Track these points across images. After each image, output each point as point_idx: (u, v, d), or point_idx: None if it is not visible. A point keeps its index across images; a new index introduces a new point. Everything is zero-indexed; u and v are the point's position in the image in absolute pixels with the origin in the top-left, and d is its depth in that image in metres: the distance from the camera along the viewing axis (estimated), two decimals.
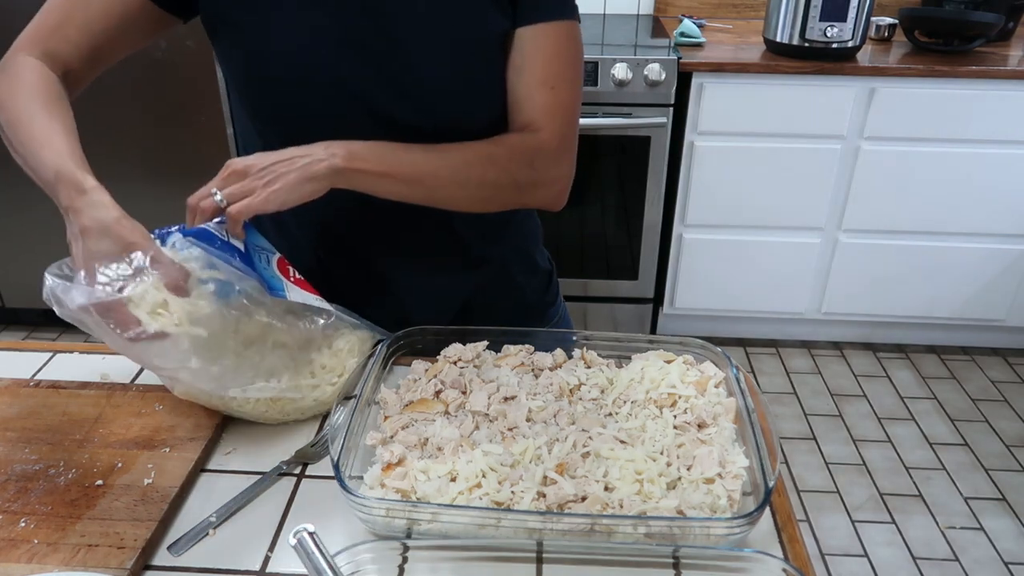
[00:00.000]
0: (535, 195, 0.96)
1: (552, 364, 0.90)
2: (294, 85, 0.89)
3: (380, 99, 0.89)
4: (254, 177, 0.79)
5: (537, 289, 1.15)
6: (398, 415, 0.82)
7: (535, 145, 0.93)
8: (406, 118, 0.90)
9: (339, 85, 0.89)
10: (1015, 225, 2.49)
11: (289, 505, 0.77)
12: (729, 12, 2.90)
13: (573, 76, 0.95)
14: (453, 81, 0.91)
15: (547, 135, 0.93)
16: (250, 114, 0.95)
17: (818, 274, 2.62)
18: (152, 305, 0.73)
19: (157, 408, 0.88)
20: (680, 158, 2.46)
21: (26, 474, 0.78)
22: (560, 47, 0.92)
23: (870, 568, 1.94)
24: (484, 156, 0.91)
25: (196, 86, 2.36)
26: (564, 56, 0.93)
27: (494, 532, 0.69)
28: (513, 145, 0.93)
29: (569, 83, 0.94)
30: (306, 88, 0.89)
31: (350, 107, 0.90)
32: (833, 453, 2.32)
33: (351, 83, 0.89)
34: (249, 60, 0.89)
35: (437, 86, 0.90)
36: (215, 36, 0.91)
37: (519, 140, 0.93)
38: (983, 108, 2.32)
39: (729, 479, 0.73)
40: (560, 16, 0.92)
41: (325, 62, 0.88)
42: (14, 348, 1.01)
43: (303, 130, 0.86)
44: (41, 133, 0.81)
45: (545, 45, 0.91)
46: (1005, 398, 2.55)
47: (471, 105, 0.93)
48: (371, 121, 0.89)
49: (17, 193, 2.53)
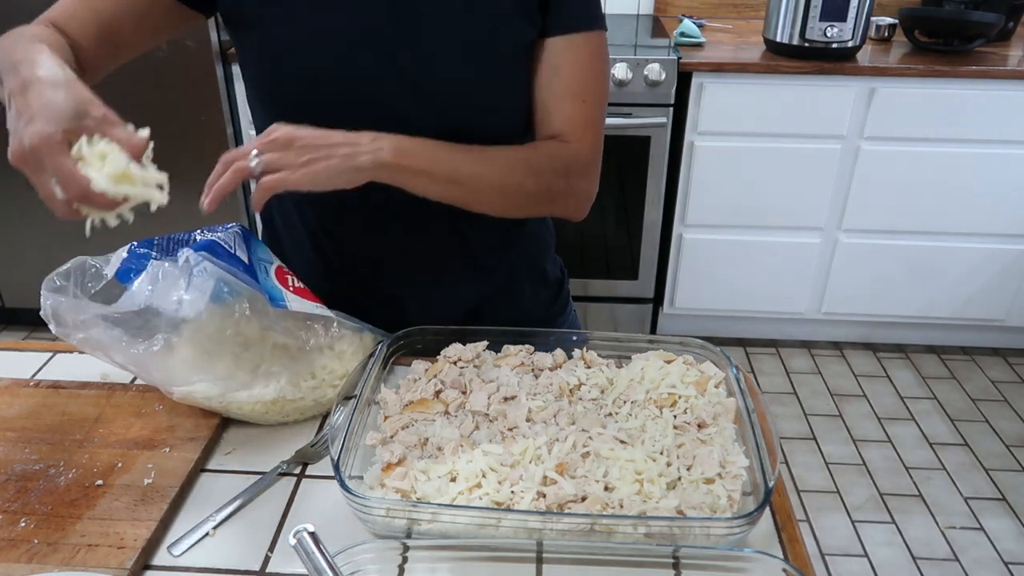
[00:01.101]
0: (564, 205, 0.97)
1: (552, 364, 0.90)
2: (308, 84, 0.88)
3: (398, 102, 0.89)
4: (296, 151, 0.76)
5: (545, 300, 1.13)
6: (398, 415, 0.82)
7: (570, 156, 0.93)
8: (423, 122, 0.88)
9: (354, 85, 0.88)
10: (1015, 225, 2.49)
11: (289, 505, 0.77)
12: (729, 12, 2.90)
13: (602, 90, 0.96)
14: (476, 88, 0.90)
15: (581, 147, 0.94)
16: (267, 111, 0.94)
17: (818, 274, 2.62)
18: (115, 167, 0.68)
19: (157, 408, 0.88)
20: (680, 158, 2.46)
21: (26, 474, 0.78)
22: (591, 59, 0.93)
23: (870, 568, 1.94)
24: (525, 163, 0.91)
25: (196, 86, 2.35)
26: (594, 68, 0.94)
27: (494, 532, 0.68)
28: (551, 154, 0.93)
29: (598, 97, 0.95)
30: (321, 87, 0.88)
31: (366, 108, 0.89)
32: (833, 453, 2.32)
33: (366, 84, 0.88)
34: (264, 57, 0.89)
35: (459, 92, 0.90)
36: (235, 32, 0.92)
37: (556, 149, 0.93)
38: (983, 108, 2.32)
39: (729, 479, 0.73)
40: (591, 27, 0.92)
41: (342, 63, 0.88)
42: (14, 348, 1.01)
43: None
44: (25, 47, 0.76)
45: (576, 57, 0.91)
46: (1005, 398, 2.55)
47: (490, 112, 0.92)
48: (386, 123, 0.87)
49: (17, 194, 2.52)
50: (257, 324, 0.82)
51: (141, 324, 0.76)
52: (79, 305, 0.74)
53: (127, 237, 0.84)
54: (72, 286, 0.77)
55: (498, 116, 0.93)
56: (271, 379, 0.83)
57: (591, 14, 0.92)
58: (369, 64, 0.88)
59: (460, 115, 0.91)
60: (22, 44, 0.77)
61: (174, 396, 0.82)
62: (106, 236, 0.77)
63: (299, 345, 0.86)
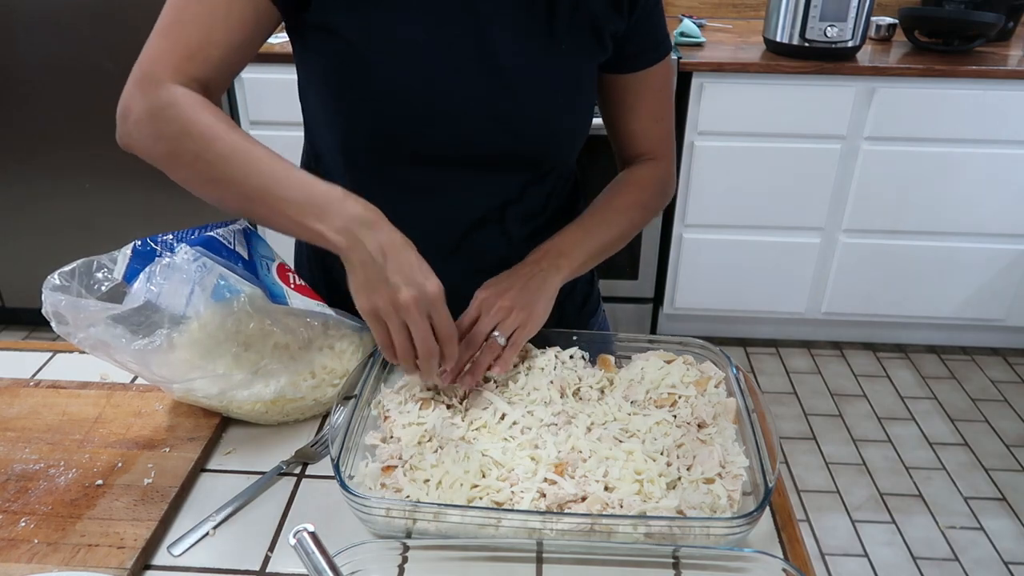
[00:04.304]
0: (661, 210, 1.06)
1: (552, 364, 0.89)
2: (393, 99, 0.85)
3: (476, 125, 0.87)
4: (518, 309, 0.86)
5: (580, 296, 1.11)
6: (398, 415, 0.82)
7: (663, 176, 1.03)
8: (497, 147, 0.90)
9: (431, 104, 0.85)
10: (1015, 225, 2.49)
11: (289, 505, 0.77)
12: (729, 12, 2.90)
13: (672, 104, 1.04)
14: (555, 117, 0.91)
15: (667, 163, 1.03)
16: (332, 122, 0.90)
17: (818, 274, 2.62)
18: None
19: (157, 408, 0.88)
20: (680, 158, 2.46)
21: (26, 474, 0.78)
22: (666, 83, 1.00)
23: (870, 568, 1.94)
24: (640, 206, 1.01)
25: None
26: (667, 90, 1.01)
27: (494, 532, 0.68)
28: (651, 183, 1.02)
29: (671, 112, 1.03)
30: (403, 104, 0.85)
31: (443, 128, 0.87)
32: (833, 453, 2.32)
33: (445, 104, 0.86)
34: (349, 67, 0.84)
35: (539, 120, 0.90)
36: (312, 39, 0.85)
37: (650, 175, 1.02)
38: (983, 108, 2.32)
39: (729, 479, 0.73)
40: (667, 52, 0.97)
41: (425, 82, 0.85)
42: (14, 348, 1.01)
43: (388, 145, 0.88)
44: (275, 161, 0.76)
45: (653, 84, 0.97)
46: (1005, 398, 2.55)
47: (566, 139, 0.95)
48: (460, 143, 0.88)
49: (17, 194, 2.53)
50: (257, 323, 0.82)
51: (142, 321, 0.76)
52: (80, 303, 0.74)
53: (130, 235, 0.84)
54: (76, 285, 0.77)
55: (573, 142, 0.96)
56: (271, 378, 0.83)
57: (665, 41, 0.96)
58: (449, 87, 0.85)
59: (536, 142, 0.92)
60: (257, 149, 0.76)
61: (174, 394, 0.82)
62: (107, 237, 0.77)
63: (299, 344, 0.86)
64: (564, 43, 0.88)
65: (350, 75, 0.85)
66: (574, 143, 0.97)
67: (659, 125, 1.01)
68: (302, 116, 0.96)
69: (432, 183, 0.92)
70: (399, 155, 0.89)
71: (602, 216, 0.98)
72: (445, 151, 0.89)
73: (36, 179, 2.52)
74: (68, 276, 0.78)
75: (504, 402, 0.82)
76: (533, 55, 0.87)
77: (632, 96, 0.97)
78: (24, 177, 2.52)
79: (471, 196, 0.94)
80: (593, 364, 0.92)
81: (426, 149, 0.89)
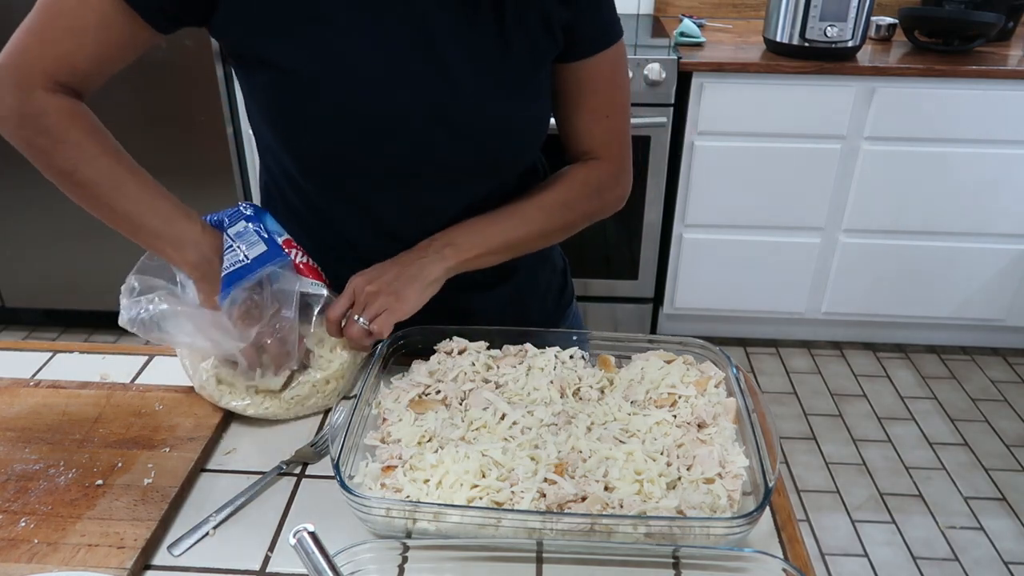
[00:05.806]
0: (600, 216, 1.01)
1: (552, 364, 0.89)
2: (338, 119, 0.83)
3: (430, 136, 0.86)
4: (385, 294, 0.86)
5: (555, 289, 1.13)
6: (398, 415, 0.82)
7: (598, 177, 0.98)
8: (456, 156, 0.88)
9: (382, 119, 0.84)
10: (1015, 225, 2.49)
11: (289, 505, 0.77)
12: (729, 12, 2.90)
13: (625, 99, 0.98)
14: (511, 122, 0.89)
15: (608, 163, 0.98)
16: (283, 147, 0.90)
17: (818, 274, 2.62)
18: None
19: (157, 408, 0.88)
20: (680, 158, 2.46)
21: (26, 474, 0.78)
22: (614, 73, 0.94)
23: (870, 568, 1.94)
24: (561, 205, 0.97)
25: (196, 86, 2.35)
26: (616, 81, 0.95)
27: (494, 532, 0.69)
28: (583, 181, 0.97)
29: (623, 107, 0.97)
30: (351, 122, 0.84)
31: (395, 142, 0.86)
32: (833, 453, 2.32)
33: (396, 118, 0.84)
34: (286, 91, 0.83)
35: (494, 127, 0.88)
36: (245, 67, 0.85)
37: (584, 176, 0.98)
38: (983, 108, 2.32)
39: (729, 479, 0.73)
40: (612, 41, 0.91)
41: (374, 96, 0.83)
42: (14, 348, 1.01)
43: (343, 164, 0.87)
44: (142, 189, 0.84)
45: (599, 75, 0.92)
46: (1005, 398, 2.55)
47: (523, 142, 0.92)
48: (416, 156, 0.87)
49: (17, 193, 2.52)
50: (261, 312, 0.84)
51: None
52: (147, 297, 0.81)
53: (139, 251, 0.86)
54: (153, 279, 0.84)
55: (531, 145, 0.94)
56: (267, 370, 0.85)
57: (611, 28, 0.91)
58: (400, 100, 0.83)
59: (494, 147, 0.90)
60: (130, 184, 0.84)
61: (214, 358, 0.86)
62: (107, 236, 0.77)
63: (299, 338, 0.87)
64: (515, 45, 0.85)
65: (298, 100, 0.83)
66: (534, 144, 0.94)
67: (605, 122, 0.95)
68: (255, 143, 0.97)
69: (395, 195, 0.91)
70: (357, 171, 0.88)
71: (516, 211, 0.95)
72: (403, 163, 0.87)
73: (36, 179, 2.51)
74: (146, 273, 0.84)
75: (504, 402, 0.82)
76: (484, 60, 0.85)
77: (575, 88, 0.92)
78: (24, 178, 2.51)
79: (434, 204, 0.93)
80: (593, 364, 0.92)
81: (384, 163, 0.87)
